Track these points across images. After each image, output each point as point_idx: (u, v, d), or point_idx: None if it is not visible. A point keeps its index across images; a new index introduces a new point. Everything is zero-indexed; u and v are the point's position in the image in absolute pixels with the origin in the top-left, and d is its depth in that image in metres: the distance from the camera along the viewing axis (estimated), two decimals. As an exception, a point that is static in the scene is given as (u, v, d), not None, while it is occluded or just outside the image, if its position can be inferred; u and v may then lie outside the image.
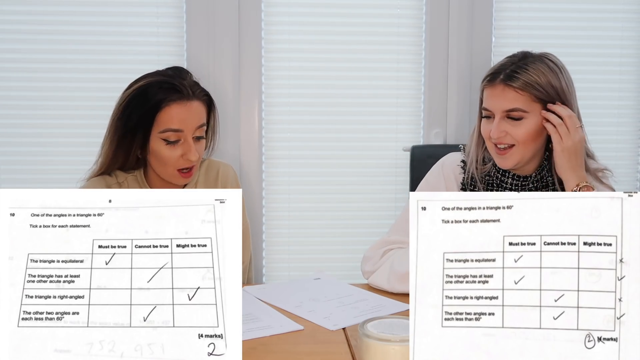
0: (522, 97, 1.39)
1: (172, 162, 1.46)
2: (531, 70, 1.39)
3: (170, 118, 1.44)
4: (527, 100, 1.39)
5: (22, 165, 2.16)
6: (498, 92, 1.41)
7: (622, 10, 2.25)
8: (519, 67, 1.40)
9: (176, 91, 1.44)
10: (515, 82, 1.39)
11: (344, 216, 2.26)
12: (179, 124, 1.44)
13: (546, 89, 1.39)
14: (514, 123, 1.40)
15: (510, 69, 1.41)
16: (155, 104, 1.43)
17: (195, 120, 1.46)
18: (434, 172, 1.57)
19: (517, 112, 1.39)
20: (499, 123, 1.40)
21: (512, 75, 1.39)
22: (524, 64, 1.41)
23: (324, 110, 2.23)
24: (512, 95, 1.39)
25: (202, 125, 1.49)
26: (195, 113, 1.47)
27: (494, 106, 1.41)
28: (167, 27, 2.15)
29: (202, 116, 1.49)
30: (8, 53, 2.11)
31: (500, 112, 1.40)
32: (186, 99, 1.45)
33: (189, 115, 1.45)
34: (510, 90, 1.39)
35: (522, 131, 1.40)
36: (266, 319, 1.23)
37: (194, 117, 1.46)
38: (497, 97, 1.41)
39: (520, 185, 1.47)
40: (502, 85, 1.40)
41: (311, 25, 2.20)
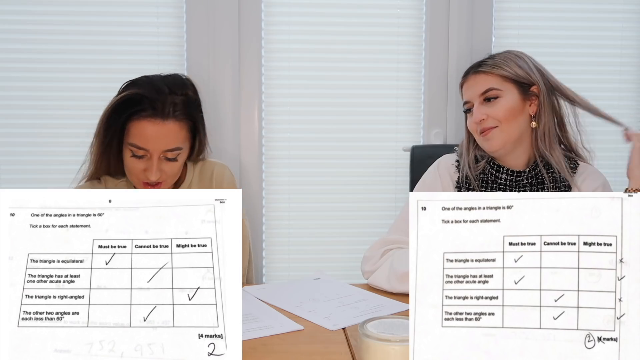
0: (493, 77, 1.50)
1: (136, 174, 1.44)
2: (497, 57, 1.53)
3: (138, 133, 1.39)
4: (498, 80, 1.50)
5: (22, 165, 2.16)
6: (471, 82, 1.53)
7: (622, 10, 2.25)
8: (486, 59, 1.54)
9: (151, 108, 1.39)
10: (484, 67, 1.52)
11: (344, 216, 2.26)
12: (144, 142, 1.39)
13: (514, 69, 1.50)
14: (491, 104, 1.49)
15: (478, 62, 1.55)
16: (129, 115, 1.39)
17: (164, 142, 1.40)
18: (430, 172, 1.59)
19: (492, 92, 1.49)
20: (478, 108, 1.50)
21: (481, 64, 1.53)
22: (490, 57, 1.55)
23: (323, 110, 2.23)
24: (483, 78, 1.51)
25: (175, 149, 1.42)
26: (166, 135, 1.40)
27: (470, 95, 1.52)
28: (167, 27, 2.15)
29: (175, 139, 1.42)
30: (8, 53, 2.11)
31: (477, 98, 1.51)
32: (160, 117, 1.39)
33: (158, 136, 1.39)
34: (481, 75, 1.51)
35: (500, 109, 1.48)
36: (266, 319, 1.23)
37: (163, 138, 1.40)
38: (471, 87, 1.53)
39: (514, 180, 1.50)
40: (473, 75, 1.53)
41: (311, 25, 2.20)
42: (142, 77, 1.47)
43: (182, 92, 1.44)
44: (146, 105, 1.39)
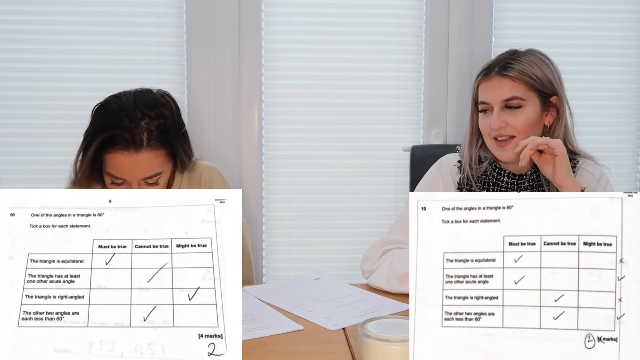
0: (519, 85, 1.43)
1: None
2: (524, 61, 1.44)
3: (112, 165, 1.33)
4: (523, 89, 1.43)
5: (22, 165, 2.16)
6: (495, 84, 1.44)
7: (622, 10, 2.25)
8: (512, 59, 1.45)
9: (123, 140, 1.31)
10: (511, 72, 1.43)
11: (344, 216, 2.26)
12: (120, 172, 1.34)
13: (540, 78, 1.43)
14: (513, 112, 1.43)
15: (503, 61, 1.45)
16: (102, 148, 1.33)
17: (141, 172, 1.34)
18: (431, 172, 1.58)
19: (515, 100, 1.42)
20: (498, 114, 1.43)
21: (507, 66, 1.43)
22: (516, 56, 1.46)
23: (323, 111, 2.23)
24: (508, 84, 1.43)
25: (154, 175, 1.36)
26: (142, 165, 1.33)
27: (491, 98, 1.44)
28: (167, 27, 2.15)
29: (151, 167, 1.35)
30: (8, 53, 2.11)
31: (498, 103, 1.43)
32: (133, 149, 1.31)
33: (134, 167, 1.33)
34: (506, 80, 1.43)
35: (521, 120, 1.43)
36: (266, 319, 1.23)
37: (139, 168, 1.33)
38: (494, 89, 1.44)
39: (516, 183, 1.49)
40: (498, 77, 1.44)
41: (311, 25, 2.20)
42: (112, 101, 1.38)
43: (155, 114, 1.35)
44: (118, 137, 1.31)
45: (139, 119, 1.33)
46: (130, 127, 1.31)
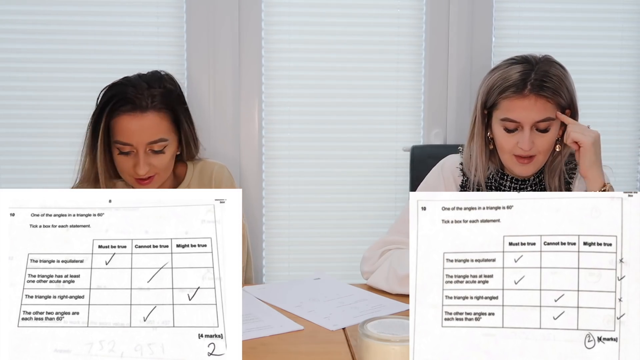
0: (552, 106, 1.39)
1: (127, 171, 1.46)
2: (553, 76, 1.38)
3: (120, 129, 1.43)
4: (553, 109, 1.39)
5: (22, 165, 2.16)
6: (530, 104, 1.37)
7: (622, 10, 2.25)
8: (543, 74, 1.38)
9: (128, 102, 1.42)
10: (547, 92, 1.37)
11: (343, 216, 2.26)
12: (127, 137, 1.42)
13: (567, 94, 1.40)
14: (542, 134, 1.39)
15: (534, 77, 1.38)
16: (110, 113, 1.42)
17: (147, 134, 1.43)
18: (433, 173, 1.58)
19: (546, 123, 1.39)
20: (529, 135, 1.38)
21: (542, 85, 1.37)
22: (545, 71, 1.39)
23: (323, 111, 2.23)
24: (543, 105, 1.38)
25: (159, 140, 1.44)
26: (148, 127, 1.43)
27: (524, 118, 1.38)
28: (167, 27, 2.15)
29: (157, 130, 1.44)
30: (8, 53, 2.11)
31: (530, 123, 1.38)
32: (139, 110, 1.42)
33: (140, 128, 1.42)
34: (542, 101, 1.37)
35: (548, 142, 1.41)
36: (266, 319, 1.23)
37: (145, 130, 1.42)
38: (528, 109, 1.37)
39: (519, 188, 1.49)
40: (534, 96, 1.37)
41: (311, 25, 2.20)
42: (119, 79, 1.49)
43: (159, 85, 1.47)
44: (125, 101, 1.42)
45: (145, 88, 1.44)
46: (136, 93, 1.42)
